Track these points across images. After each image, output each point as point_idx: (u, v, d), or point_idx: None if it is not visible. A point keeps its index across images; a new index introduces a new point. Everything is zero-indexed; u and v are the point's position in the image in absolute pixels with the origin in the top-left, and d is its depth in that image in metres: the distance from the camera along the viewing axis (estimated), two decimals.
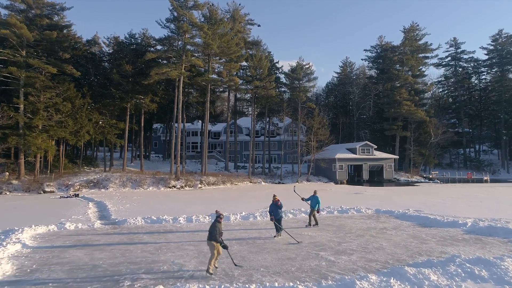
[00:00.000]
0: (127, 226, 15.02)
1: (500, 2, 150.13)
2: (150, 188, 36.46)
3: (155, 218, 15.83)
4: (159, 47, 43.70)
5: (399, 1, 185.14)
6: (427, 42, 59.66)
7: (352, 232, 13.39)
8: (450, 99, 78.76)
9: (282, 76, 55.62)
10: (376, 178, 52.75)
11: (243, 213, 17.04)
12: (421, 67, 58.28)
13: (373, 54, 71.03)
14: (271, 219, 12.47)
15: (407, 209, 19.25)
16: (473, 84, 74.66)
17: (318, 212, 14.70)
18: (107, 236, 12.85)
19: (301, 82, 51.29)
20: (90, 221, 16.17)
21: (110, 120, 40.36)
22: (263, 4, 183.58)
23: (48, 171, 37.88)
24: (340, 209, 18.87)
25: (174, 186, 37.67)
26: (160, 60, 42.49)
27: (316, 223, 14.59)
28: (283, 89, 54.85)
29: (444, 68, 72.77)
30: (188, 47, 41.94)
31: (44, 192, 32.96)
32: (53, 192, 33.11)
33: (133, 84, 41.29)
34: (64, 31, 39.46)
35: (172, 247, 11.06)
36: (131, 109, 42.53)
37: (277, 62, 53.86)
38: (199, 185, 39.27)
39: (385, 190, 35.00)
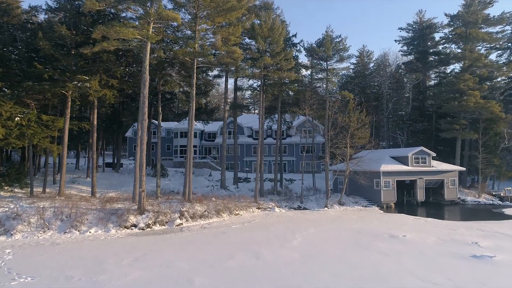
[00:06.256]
0: None
1: None
2: (92, 230, 21.38)
3: None
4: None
5: None
6: (489, 14, 44.95)
7: None
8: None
9: (302, 55, 40.68)
10: (433, 197, 37.98)
11: None
12: (485, 45, 43.38)
13: (410, 34, 56.44)
14: None
15: None
16: None
17: None
18: None
19: (329, 62, 36.32)
20: None
21: (37, 114, 25.20)
22: None
23: None
24: None
25: (135, 226, 22.64)
26: (118, 19, 27.41)
27: None
28: (301, 73, 39.79)
29: (496, 53, 57.80)
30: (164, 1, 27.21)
31: None
32: None
33: (75, 58, 26.28)
34: None
35: None
36: (75, 97, 27.45)
37: (295, 35, 38.61)
38: (178, 221, 24.29)
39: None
